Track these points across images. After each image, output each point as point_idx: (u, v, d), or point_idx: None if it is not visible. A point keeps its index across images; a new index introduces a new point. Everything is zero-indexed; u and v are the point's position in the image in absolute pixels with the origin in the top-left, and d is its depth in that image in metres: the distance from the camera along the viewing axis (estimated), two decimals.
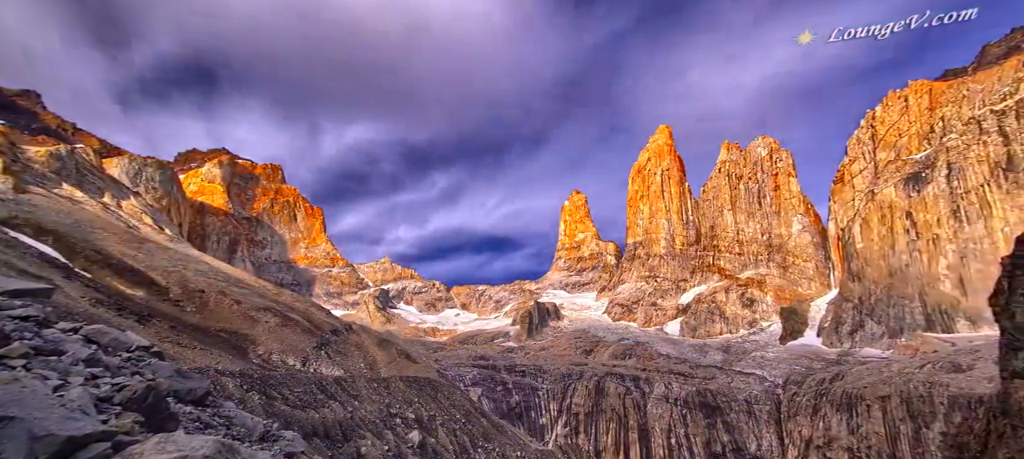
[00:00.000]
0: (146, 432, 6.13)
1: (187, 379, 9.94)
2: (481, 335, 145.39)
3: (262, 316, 41.09)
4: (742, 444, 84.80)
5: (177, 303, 37.57)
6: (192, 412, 9.09)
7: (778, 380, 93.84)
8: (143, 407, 6.83)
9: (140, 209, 73.75)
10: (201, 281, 44.07)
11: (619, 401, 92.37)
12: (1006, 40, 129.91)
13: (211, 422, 9.22)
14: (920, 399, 68.15)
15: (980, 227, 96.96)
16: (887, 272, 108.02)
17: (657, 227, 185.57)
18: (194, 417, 9.02)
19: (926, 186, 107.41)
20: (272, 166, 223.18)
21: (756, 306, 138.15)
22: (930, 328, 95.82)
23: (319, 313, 55.34)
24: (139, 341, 10.24)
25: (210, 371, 15.52)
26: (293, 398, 17.99)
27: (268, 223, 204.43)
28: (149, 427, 6.59)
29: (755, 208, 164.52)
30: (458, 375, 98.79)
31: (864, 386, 76.48)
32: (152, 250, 49.21)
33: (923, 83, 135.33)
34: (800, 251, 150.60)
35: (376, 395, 28.31)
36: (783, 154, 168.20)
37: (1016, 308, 35.00)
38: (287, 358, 36.01)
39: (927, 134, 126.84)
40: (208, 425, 8.97)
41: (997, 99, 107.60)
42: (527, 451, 41.29)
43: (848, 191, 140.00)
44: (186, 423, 8.54)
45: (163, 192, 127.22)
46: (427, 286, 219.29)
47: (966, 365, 71.10)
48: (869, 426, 71.87)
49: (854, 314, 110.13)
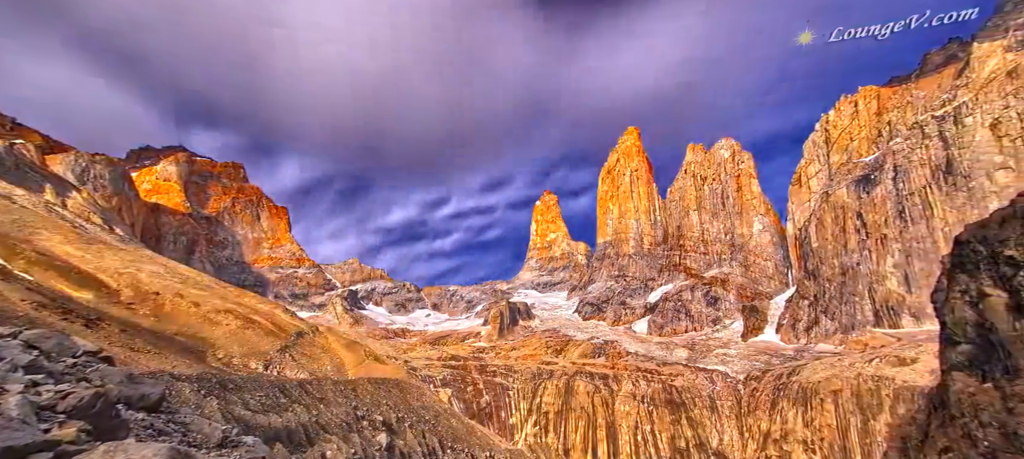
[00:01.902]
0: (93, 441, 5.84)
1: (139, 385, 9.50)
2: (452, 336, 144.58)
3: (222, 318, 39.61)
4: (705, 439, 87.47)
5: (129, 306, 35.76)
6: (145, 419, 8.70)
7: (739, 376, 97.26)
8: (90, 415, 6.50)
9: (88, 207, 69.79)
10: (156, 283, 42.09)
11: (588, 399, 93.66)
12: (945, 49, 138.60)
13: (166, 429, 8.86)
14: (869, 392, 72.06)
15: (923, 227, 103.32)
16: (840, 270, 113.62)
17: (626, 227, 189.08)
18: (147, 424, 8.65)
19: (875, 188, 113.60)
20: (233, 164, 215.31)
21: (720, 304, 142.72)
22: (878, 324, 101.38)
23: (283, 315, 53.79)
24: (86, 346, 9.72)
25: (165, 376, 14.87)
26: (254, 403, 17.44)
27: (229, 223, 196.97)
28: (97, 436, 6.28)
29: (719, 209, 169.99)
30: (428, 376, 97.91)
31: (818, 381, 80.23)
32: (101, 250, 46.66)
33: (872, 89, 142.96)
34: (761, 250, 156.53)
35: (343, 398, 27.76)
36: (745, 156, 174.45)
37: (955, 304, 37.40)
38: (249, 361, 34.84)
39: (876, 138, 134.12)
40: (162, 432, 8.62)
41: (937, 105, 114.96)
42: (496, 451, 41.36)
43: (804, 192, 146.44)
44: (138, 431, 8.17)
45: (113, 190, 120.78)
46: (397, 287, 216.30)
47: (910, 359, 75.59)
48: (822, 419, 75.47)
49: (810, 311, 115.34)
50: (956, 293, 36.39)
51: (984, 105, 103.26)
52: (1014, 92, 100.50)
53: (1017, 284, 30.06)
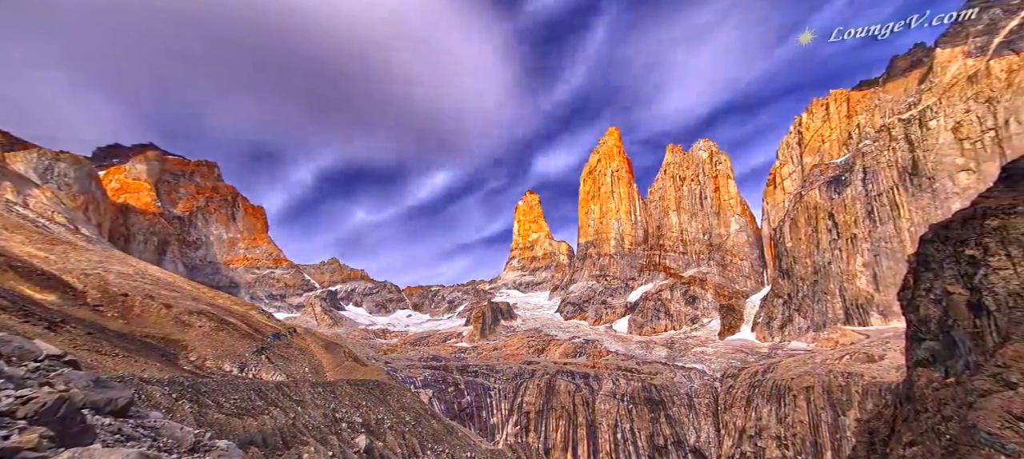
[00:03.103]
0: (57, 448, 5.64)
1: (107, 389, 9.19)
2: (434, 336, 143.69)
3: (195, 320, 38.56)
4: (682, 437, 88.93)
5: (96, 308, 34.53)
6: (112, 424, 8.42)
7: (717, 374, 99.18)
8: (54, 421, 6.27)
9: (51, 207, 67.12)
10: (125, 284, 40.73)
11: (569, 398, 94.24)
12: (910, 54, 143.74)
13: (134, 434, 8.59)
14: (839, 388, 74.30)
15: (890, 227, 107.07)
16: (812, 269, 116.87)
17: (607, 227, 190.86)
18: (114, 429, 8.37)
19: (846, 189, 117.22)
20: (207, 163, 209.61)
21: (698, 303, 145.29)
22: (848, 321, 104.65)
23: (259, 316, 52.66)
24: (49, 350, 9.36)
25: (134, 380, 14.41)
26: (229, 406, 17.02)
27: (203, 223, 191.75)
28: (61, 442, 6.07)
29: (697, 209, 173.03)
30: (409, 377, 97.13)
31: (792, 378, 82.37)
32: (66, 251, 44.93)
33: (842, 92, 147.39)
34: (737, 250, 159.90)
35: (321, 400, 27.32)
36: (722, 158, 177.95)
37: (920, 302, 38.84)
38: (223, 364, 34.02)
39: (846, 140, 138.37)
40: (131, 437, 8.35)
41: (903, 109, 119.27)
42: (477, 451, 41.28)
43: (779, 193, 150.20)
44: (105, 436, 7.90)
45: (79, 189, 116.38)
46: (378, 287, 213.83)
47: (878, 355, 78.24)
48: (795, 415, 77.51)
49: (784, 309, 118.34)
50: (921, 291, 37.82)
51: (947, 109, 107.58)
52: (974, 96, 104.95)
53: (977, 282, 31.40)
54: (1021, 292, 29.54)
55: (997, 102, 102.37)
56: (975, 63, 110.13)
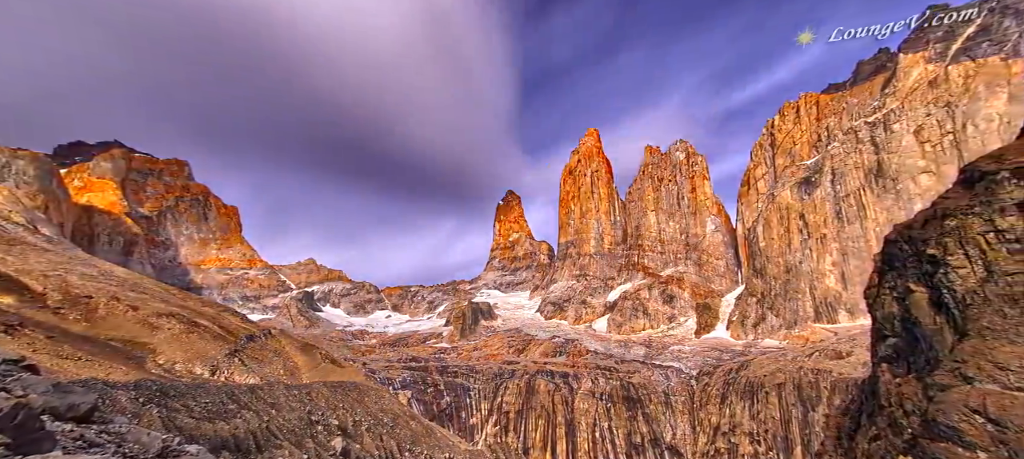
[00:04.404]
0: (14, 455, 5.42)
1: (68, 394, 8.86)
2: (413, 337, 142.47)
3: (164, 322, 37.36)
4: (659, 434, 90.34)
5: (58, 311, 33.13)
6: (74, 430, 8.13)
7: (693, 372, 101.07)
8: (10, 428, 6.02)
9: (8, 205, 64.12)
10: (89, 286, 39.20)
11: (549, 398, 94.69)
12: (875, 59, 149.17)
13: (98, 440, 8.31)
14: (808, 384, 76.63)
15: (857, 227, 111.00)
16: (784, 268, 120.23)
17: (587, 227, 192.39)
18: (77, 436, 8.08)
19: (815, 190, 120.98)
20: (177, 161, 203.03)
21: (675, 302, 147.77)
22: (818, 319, 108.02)
23: (232, 318, 51.34)
24: (6, 354, 8.97)
25: (98, 384, 13.89)
26: (199, 410, 16.56)
27: (173, 223, 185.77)
28: (18, 449, 5.83)
29: (675, 209, 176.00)
30: (387, 378, 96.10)
31: (764, 375, 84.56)
32: (25, 251, 43.00)
33: (811, 95, 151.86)
34: (713, 250, 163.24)
35: (296, 402, 26.82)
36: (698, 158, 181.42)
37: (884, 300, 40.27)
38: (193, 367, 33.06)
39: (816, 142, 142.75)
40: (94, 444, 8.08)
41: (869, 112, 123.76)
42: (456, 452, 41.14)
43: (752, 194, 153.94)
44: (66, 442, 7.63)
45: (39, 188, 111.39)
46: (356, 287, 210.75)
47: (846, 352, 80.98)
48: (767, 411, 79.60)
49: (757, 308, 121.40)
50: (885, 289, 39.24)
51: (909, 113, 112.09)
52: (934, 101, 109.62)
53: (937, 281, 32.76)
54: (978, 290, 30.95)
55: (956, 106, 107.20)
56: (935, 69, 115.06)
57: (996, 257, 30.19)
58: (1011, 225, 30.14)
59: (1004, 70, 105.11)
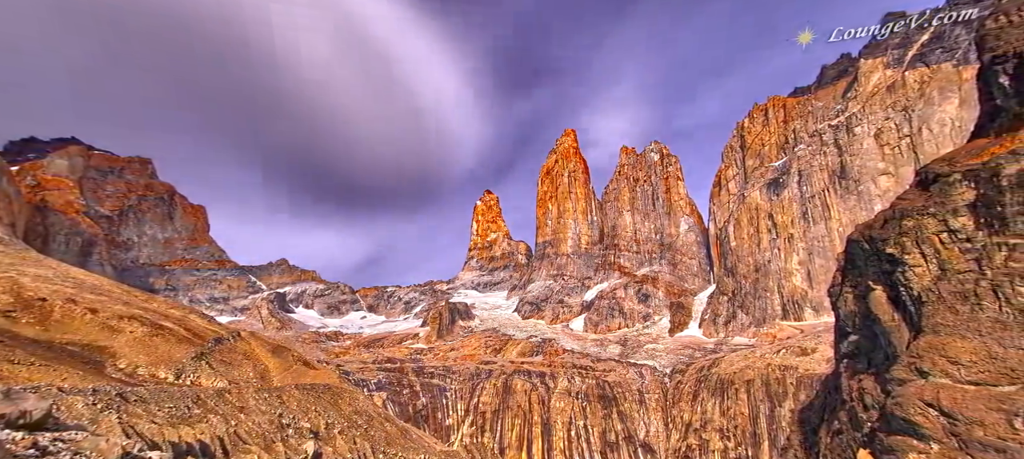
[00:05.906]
0: None
1: (18, 401, 8.45)
2: (389, 338, 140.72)
3: (126, 325, 35.87)
4: (633, 432, 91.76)
5: (8, 314, 31.44)
6: (25, 438, 7.77)
7: (666, 370, 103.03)
8: None
9: None
10: (43, 287, 37.33)
11: (525, 398, 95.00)
12: (838, 64, 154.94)
13: (52, 448, 7.94)
14: (776, 381, 79.11)
15: (822, 227, 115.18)
16: (754, 267, 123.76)
17: (564, 227, 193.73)
18: (29, 444, 7.72)
19: (783, 190, 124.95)
20: (140, 159, 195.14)
21: (650, 301, 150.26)
22: (785, 317, 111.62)
23: (199, 320, 49.67)
24: None
25: (52, 390, 13.26)
26: (162, 415, 15.97)
27: (135, 223, 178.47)
28: None
29: (650, 209, 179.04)
30: (362, 380, 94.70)
31: (734, 372, 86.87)
32: None
33: (779, 98, 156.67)
34: (687, 249, 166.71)
35: (266, 405, 26.15)
36: (672, 159, 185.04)
37: (846, 298, 41.82)
38: (157, 371, 31.85)
39: (784, 144, 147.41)
40: (47, 451, 7.73)
41: (832, 115, 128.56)
42: (431, 453, 40.85)
43: (724, 195, 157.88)
44: (18, 451, 7.30)
45: None
46: (330, 288, 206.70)
47: (811, 348, 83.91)
48: (737, 407, 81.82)
49: (728, 306, 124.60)
50: (847, 288, 40.79)
51: (869, 116, 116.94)
52: (892, 105, 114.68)
53: (895, 279, 34.25)
54: (932, 287, 32.48)
55: (912, 110, 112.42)
56: (893, 74, 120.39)
57: (949, 256, 31.80)
58: (962, 225, 31.75)
59: (956, 76, 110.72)
